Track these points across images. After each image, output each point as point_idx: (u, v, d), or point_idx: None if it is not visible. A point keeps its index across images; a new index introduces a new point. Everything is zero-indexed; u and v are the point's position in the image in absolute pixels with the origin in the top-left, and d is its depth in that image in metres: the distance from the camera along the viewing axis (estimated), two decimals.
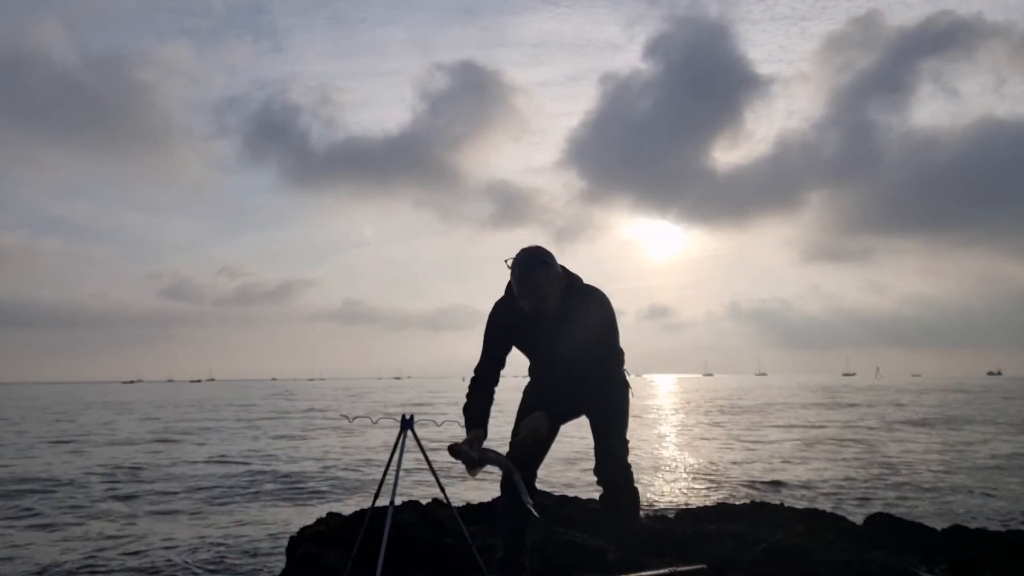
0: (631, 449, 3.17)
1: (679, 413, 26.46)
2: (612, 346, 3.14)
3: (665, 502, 7.75)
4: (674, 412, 27.05)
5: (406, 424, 2.90)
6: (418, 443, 2.97)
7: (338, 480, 9.71)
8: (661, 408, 29.88)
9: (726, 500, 6.87)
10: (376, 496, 3.07)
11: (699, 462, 11.53)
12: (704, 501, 7.51)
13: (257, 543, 5.96)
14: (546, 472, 6.45)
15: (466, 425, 3.00)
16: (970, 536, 4.11)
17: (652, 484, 9.16)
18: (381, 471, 3.10)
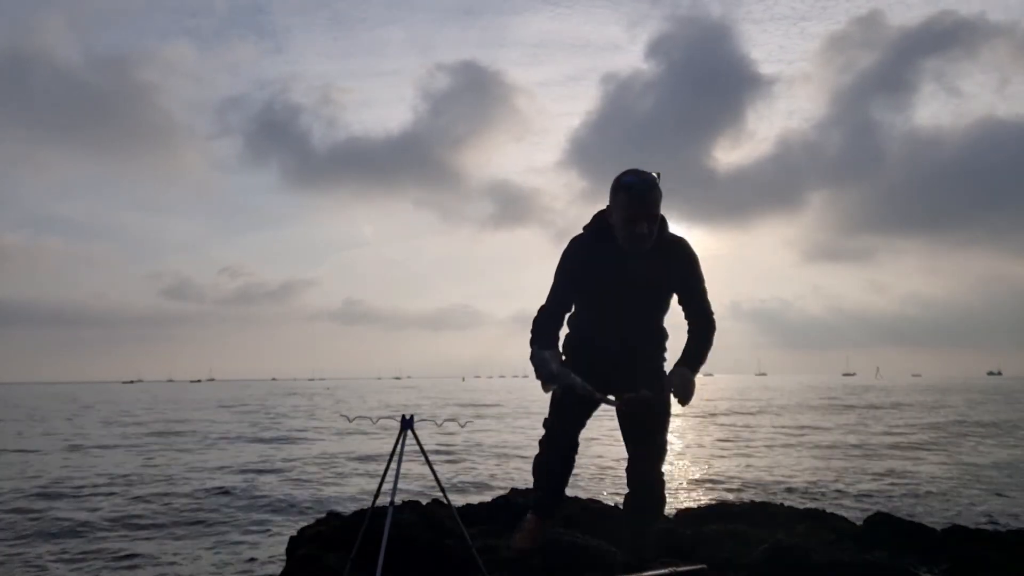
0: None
1: (678, 413, 26.44)
2: (707, 300, 2.92)
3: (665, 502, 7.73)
4: (673, 412, 26.96)
5: (406, 424, 2.89)
6: (418, 443, 2.96)
7: (338, 480, 9.70)
8: None
9: (726, 500, 6.87)
10: (376, 496, 3.07)
11: (699, 462, 11.52)
12: (704, 501, 7.50)
13: (257, 544, 5.96)
14: None
15: (540, 348, 2.85)
16: (970, 536, 4.10)
17: None
18: (381, 471, 3.09)
